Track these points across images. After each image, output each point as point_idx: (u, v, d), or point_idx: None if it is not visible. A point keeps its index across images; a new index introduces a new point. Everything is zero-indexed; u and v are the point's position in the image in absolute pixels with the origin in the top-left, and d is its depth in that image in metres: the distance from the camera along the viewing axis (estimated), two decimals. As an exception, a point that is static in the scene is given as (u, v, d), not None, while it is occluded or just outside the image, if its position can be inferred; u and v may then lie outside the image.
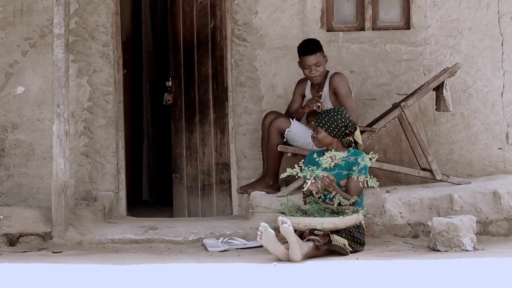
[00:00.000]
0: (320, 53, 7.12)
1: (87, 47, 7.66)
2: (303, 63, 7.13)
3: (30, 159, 7.68)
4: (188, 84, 7.92)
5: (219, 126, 7.87)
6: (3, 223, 6.92)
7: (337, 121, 6.49)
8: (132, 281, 5.31)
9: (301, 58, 7.14)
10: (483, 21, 7.63)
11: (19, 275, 5.49)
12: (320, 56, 7.12)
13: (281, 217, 6.01)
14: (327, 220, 6.11)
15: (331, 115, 6.52)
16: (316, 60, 7.09)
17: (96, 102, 7.69)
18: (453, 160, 7.65)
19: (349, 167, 6.39)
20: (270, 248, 6.01)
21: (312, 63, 7.09)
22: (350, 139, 6.55)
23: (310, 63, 7.09)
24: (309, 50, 7.10)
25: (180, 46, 7.92)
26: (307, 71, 7.13)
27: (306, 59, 7.10)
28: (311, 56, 7.09)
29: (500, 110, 7.64)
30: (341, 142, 6.54)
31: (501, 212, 6.82)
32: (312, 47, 7.11)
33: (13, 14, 7.66)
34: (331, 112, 6.55)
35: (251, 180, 7.60)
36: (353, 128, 6.55)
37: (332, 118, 6.50)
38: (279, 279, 5.38)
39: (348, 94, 7.11)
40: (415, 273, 5.45)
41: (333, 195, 6.26)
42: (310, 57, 7.09)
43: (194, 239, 6.82)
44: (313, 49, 7.10)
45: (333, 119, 6.50)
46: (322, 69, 7.13)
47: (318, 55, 7.10)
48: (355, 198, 6.26)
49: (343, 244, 6.16)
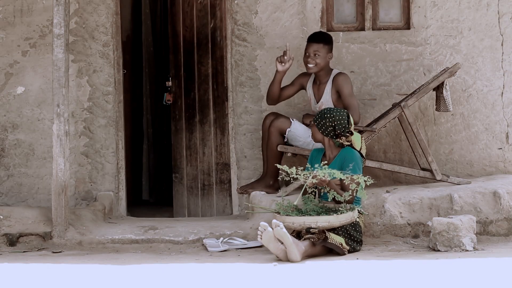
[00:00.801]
0: (324, 45, 7.12)
1: (87, 47, 7.66)
2: (305, 49, 7.15)
3: (30, 159, 7.68)
4: (188, 84, 7.92)
5: (219, 126, 7.87)
6: (3, 223, 6.92)
7: (325, 120, 6.50)
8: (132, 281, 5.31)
9: (306, 44, 7.18)
10: (483, 21, 7.62)
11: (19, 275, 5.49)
12: (323, 49, 7.11)
13: (274, 220, 6.02)
14: (322, 218, 6.11)
15: (323, 112, 6.55)
16: (316, 48, 7.10)
17: (96, 102, 7.69)
18: (453, 160, 7.65)
19: (341, 165, 6.41)
20: (271, 247, 6.02)
21: (311, 51, 7.11)
22: (341, 142, 6.52)
23: (311, 50, 7.11)
24: (314, 37, 7.15)
25: (180, 46, 7.92)
26: (305, 57, 7.15)
27: (308, 45, 7.15)
28: (313, 44, 7.12)
29: (500, 110, 7.64)
30: (333, 142, 6.56)
31: (501, 212, 6.82)
32: (319, 37, 7.16)
33: (13, 14, 7.66)
34: (325, 110, 6.57)
35: (251, 180, 7.60)
36: (345, 132, 6.50)
37: (322, 116, 6.53)
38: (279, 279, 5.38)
39: (351, 94, 7.12)
40: (415, 273, 5.44)
41: (327, 190, 6.27)
42: (312, 45, 7.12)
43: (194, 239, 6.82)
44: (318, 38, 7.14)
45: (322, 117, 6.52)
46: (320, 61, 7.13)
47: (321, 46, 7.11)
48: (350, 196, 6.25)
49: (340, 243, 6.16)
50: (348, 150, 6.55)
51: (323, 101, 7.19)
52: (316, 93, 7.26)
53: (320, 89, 7.24)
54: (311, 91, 7.30)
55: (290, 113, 7.46)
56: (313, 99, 7.28)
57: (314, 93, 7.28)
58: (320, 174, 6.17)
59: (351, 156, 6.49)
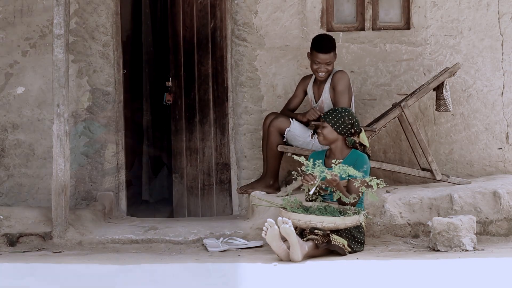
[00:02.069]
0: (334, 52, 7.10)
1: (87, 47, 7.67)
2: (314, 58, 7.09)
3: (30, 159, 7.68)
4: (188, 84, 7.92)
5: (219, 126, 7.87)
6: (3, 223, 6.92)
7: (344, 118, 6.50)
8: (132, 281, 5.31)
9: (314, 53, 7.09)
10: (483, 21, 7.63)
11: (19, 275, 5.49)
12: (333, 56, 7.10)
13: (281, 217, 6.00)
14: (328, 219, 6.11)
15: (339, 111, 6.53)
16: (328, 59, 7.07)
17: (96, 102, 7.69)
18: (453, 160, 7.65)
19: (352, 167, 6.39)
20: (273, 245, 6.00)
21: (323, 61, 7.07)
22: (355, 140, 6.54)
23: (322, 60, 7.07)
24: (325, 48, 7.06)
25: (180, 46, 7.92)
26: (316, 66, 7.10)
27: (319, 56, 7.06)
28: (325, 55, 7.06)
29: (500, 110, 7.64)
30: (345, 141, 6.54)
31: (501, 212, 6.82)
32: (328, 46, 7.07)
33: (13, 14, 7.66)
34: (339, 109, 6.56)
35: (251, 180, 7.60)
36: (358, 129, 6.55)
37: (339, 114, 6.51)
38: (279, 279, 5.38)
39: (343, 91, 7.07)
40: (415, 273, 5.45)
41: (333, 190, 6.26)
42: (324, 55, 7.06)
43: (194, 239, 6.82)
44: (328, 48, 7.06)
45: (340, 115, 6.51)
46: (331, 67, 7.12)
47: (332, 55, 7.08)
48: (355, 198, 6.26)
49: (342, 244, 6.16)
50: (358, 153, 6.53)
51: (322, 99, 7.19)
52: (316, 93, 7.26)
53: (320, 88, 7.24)
54: (311, 92, 7.30)
55: (290, 113, 7.46)
56: (313, 99, 7.29)
57: (314, 93, 7.28)
58: (336, 171, 6.14)
59: (362, 158, 6.48)
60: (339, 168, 6.15)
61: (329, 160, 6.53)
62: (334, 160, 6.32)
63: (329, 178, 6.17)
